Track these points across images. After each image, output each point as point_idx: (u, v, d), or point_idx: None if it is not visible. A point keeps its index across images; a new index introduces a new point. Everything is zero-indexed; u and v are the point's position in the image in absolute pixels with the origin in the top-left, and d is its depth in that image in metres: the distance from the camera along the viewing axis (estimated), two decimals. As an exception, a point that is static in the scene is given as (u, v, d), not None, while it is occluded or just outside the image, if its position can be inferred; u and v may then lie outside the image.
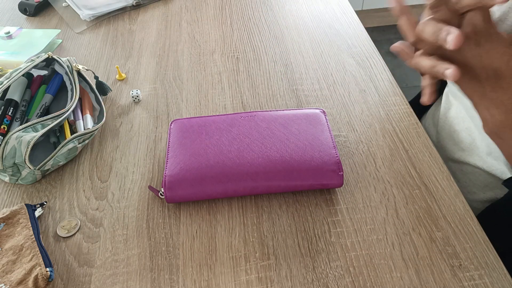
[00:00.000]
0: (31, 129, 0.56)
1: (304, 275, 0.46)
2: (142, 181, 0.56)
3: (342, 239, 0.49)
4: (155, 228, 0.51)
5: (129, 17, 0.89)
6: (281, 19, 0.86)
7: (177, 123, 0.58)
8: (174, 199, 0.52)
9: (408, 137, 0.60)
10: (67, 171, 0.58)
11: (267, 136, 0.55)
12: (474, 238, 0.48)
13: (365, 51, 0.76)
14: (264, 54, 0.77)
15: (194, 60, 0.76)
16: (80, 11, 0.89)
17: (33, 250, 0.46)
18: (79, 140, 0.58)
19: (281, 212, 0.52)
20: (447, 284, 0.44)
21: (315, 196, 0.53)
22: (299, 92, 0.68)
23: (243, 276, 0.46)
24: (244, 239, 0.49)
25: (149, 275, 0.47)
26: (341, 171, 0.52)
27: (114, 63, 0.77)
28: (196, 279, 0.46)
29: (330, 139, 0.55)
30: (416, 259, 0.47)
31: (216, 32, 0.83)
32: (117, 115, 0.67)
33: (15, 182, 0.56)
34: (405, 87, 1.92)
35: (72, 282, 0.47)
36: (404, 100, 0.66)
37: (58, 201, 0.55)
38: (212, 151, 0.53)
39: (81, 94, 0.66)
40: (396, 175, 0.55)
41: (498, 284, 0.44)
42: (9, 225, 0.50)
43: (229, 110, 0.66)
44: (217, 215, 0.52)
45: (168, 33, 0.84)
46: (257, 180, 0.51)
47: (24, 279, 0.44)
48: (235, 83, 0.71)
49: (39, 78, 0.68)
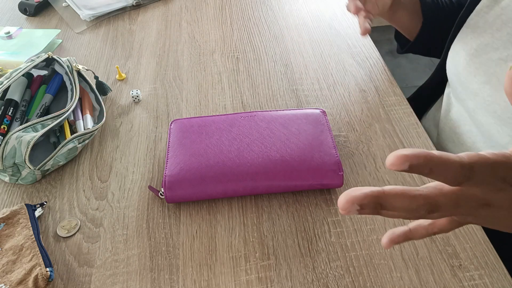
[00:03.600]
0: (31, 129, 0.56)
1: (304, 275, 0.46)
2: (142, 181, 0.56)
3: (342, 239, 0.49)
4: (155, 228, 0.51)
5: (129, 17, 0.89)
6: (281, 19, 0.86)
7: (177, 123, 0.58)
8: (174, 199, 0.52)
9: (408, 137, 0.60)
10: (67, 171, 0.58)
11: (267, 136, 0.55)
12: (474, 238, 0.48)
13: (365, 51, 0.76)
14: (264, 54, 0.77)
15: (194, 60, 0.76)
16: (80, 11, 0.89)
17: (33, 250, 0.46)
18: (79, 140, 0.58)
19: (281, 212, 0.52)
20: (447, 284, 0.44)
21: (315, 196, 0.53)
22: (299, 92, 0.68)
23: (243, 276, 0.46)
24: (244, 239, 0.49)
25: (149, 275, 0.47)
26: (341, 171, 0.52)
27: (114, 63, 0.77)
28: (196, 279, 0.46)
29: (330, 139, 0.55)
30: (416, 259, 0.47)
31: (216, 32, 0.83)
32: (117, 115, 0.67)
33: (15, 182, 0.56)
34: (405, 87, 1.92)
35: (72, 282, 0.47)
36: (404, 100, 0.66)
37: (58, 201, 0.55)
38: (212, 151, 0.53)
39: (81, 94, 0.66)
40: (396, 175, 0.55)
41: (498, 284, 0.44)
42: (9, 225, 0.50)
43: (229, 110, 0.66)
44: (217, 215, 0.52)
45: (168, 33, 0.84)
46: (257, 180, 0.51)
47: (24, 279, 0.44)
48: (235, 83, 0.71)
49: (39, 78, 0.67)
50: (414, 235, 0.32)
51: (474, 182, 0.25)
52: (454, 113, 0.64)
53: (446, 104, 0.67)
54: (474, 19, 0.59)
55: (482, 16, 0.58)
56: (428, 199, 0.25)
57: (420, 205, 0.25)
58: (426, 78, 0.76)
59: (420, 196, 0.25)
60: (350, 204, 0.23)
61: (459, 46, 0.60)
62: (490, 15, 0.56)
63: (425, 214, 0.25)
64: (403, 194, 0.24)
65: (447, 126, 0.66)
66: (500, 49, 0.53)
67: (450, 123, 0.65)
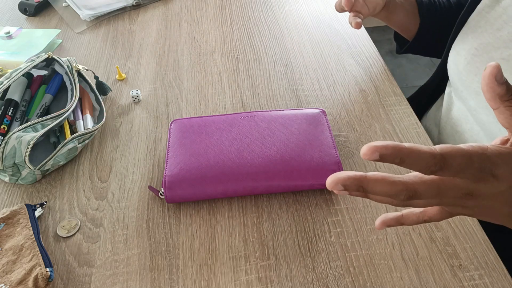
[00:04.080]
0: (31, 129, 0.56)
1: (304, 275, 0.46)
2: (142, 181, 0.56)
3: (342, 239, 0.49)
4: (155, 228, 0.51)
5: (129, 17, 0.89)
6: (281, 19, 0.86)
7: (177, 123, 0.58)
8: (174, 199, 0.52)
9: (408, 137, 0.60)
10: (67, 171, 0.58)
11: (267, 136, 0.55)
12: (474, 238, 0.48)
13: (365, 51, 0.76)
14: (264, 54, 0.77)
15: (194, 60, 0.76)
16: (80, 11, 0.89)
17: (33, 250, 0.46)
18: (79, 140, 0.58)
19: (281, 212, 0.52)
20: (447, 284, 0.44)
21: (315, 196, 0.53)
22: (299, 92, 0.68)
23: (243, 276, 0.46)
24: (244, 239, 0.49)
25: (149, 275, 0.47)
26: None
27: (114, 63, 0.77)
28: (196, 279, 0.46)
29: (330, 139, 0.55)
30: (416, 259, 0.47)
31: (216, 32, 0.83)
32: (117, 115, 0.67)
33: (15, 182, 0.56)
34: (405, 87, 1.92)
35: (72, 282, 0.47)
36: (404, 100, 0.66)
37: (58, 201, 0.55)
38: (212, 151, 0.53)
39: (81, 94, 0.66)
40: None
41: (498, 284, 0.44)
42: (9, 225, 0.50)
43: (229, 110, 0.66)
44: (217, 215, 0.52)
45: (168, 33, 0.84)
46: (257, 180, 0.51)
47: (24, 279, 0.44)
48: (235, 83, 0.71)
49: (39, 78, 0.67)
50: (406, 220, 0.35)
51: (450, 172, 0.27)
52: (455, 111, 0.64)
53: (447, 103, 0.67)
54: (475, 18, 0.59)
55: (483, 15, 0.58)
56: (407, 185, 0.27)
57: (399, 191, 0.27)
58: (426, 78, 0.76)
59: (399, 182, 0.27)
60: (335, 184, 0.26)
61: (460, 45, 0.60)
62: (491, 15, 0.56)
63: (406, 199, 0.27)
64: (384, 179, 0.27)
65: (448, 125, 0.66)
66: (501, 48, 0.53)
67: (451, 122, 0.65)
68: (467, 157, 0.27)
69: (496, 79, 0.27)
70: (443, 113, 0.67)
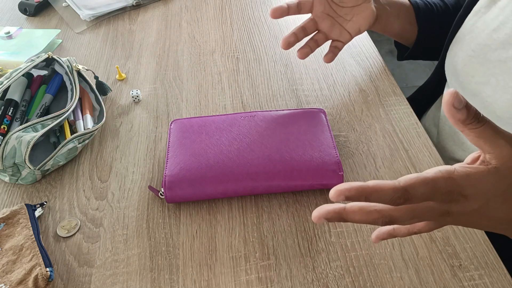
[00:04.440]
0: (31, 129, 0.56)
1: (304, 275, 0.46)
2: (142, 181, 0.56)
3: (342, 239, 0.49)
4: (155, 228, 0.51)
5: (129, 17, 0.89)
6: (281, 19, 0.86)
7: (177, 123, 0.58)
8: (174, 199, 0.52)
9: (408, 137, 0.60)
10: (67, 171, 0.58)
11: (267, 136, 0.55)
12: (474, 238, 0.48)
13: (365, 51, 0.76)
14: (264, 54, 0.77)
15: (194, 60, 0.76)
16: (80, 11, 0.89)
17: (33, 250, 0.46)
18: (79, 140, 0.58)
19: (281, 212, 0.52)
20: (447, 284, 0.44)
21: (315, 196, 0.53)
22: (299, 92, 0.68)
23: (243, 276, 0.46)
24: (244, 239, 0.49)
25: (149, 275, 0.47)
26: (341, 171, 0.52)
27: (114, 63, 0.77)
28: (196, 279, 0.46)
29: (330, 139, 0.55)
30: (416, 259, 0.47)
31: (216, 32, 0.83)
32: (117, 115, 0.67)
33: (15, 182, 0.56)
34: (405, 87, 1.92)
35: (72, 282, 0.47)
36: (404, 100, 0.66)
37: (58, 201, 0.55)
38: (212, 151, 0.53)
39: (81, 94, 0.66)
40: (396, 175, 0.55)
41: (498, 284, 0.44)
42: (9, 225, 0.50)
43: (229, 110, 0.66)
44: (217, 215, 0.52)
45: (168, 33, 0.84)
46: (257, 180, 0.51)
47: (24, 279, 0.44)
48: (235, 83, 0.71)
49: (39, 78, 0.67)
50: (397, 233, 0.37)
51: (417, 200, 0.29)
52: None
53: None
54: (472, 19, 0.59)
55: (480, 16, 0.58)
56: (382, 213, 0.30)
57: (375, 219, 0.30)
58: (426, 78, 0.76)
59: (374, 211, 0.30)
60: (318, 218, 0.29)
61: (457, 47, 0.60)
62: (487, 16, 0.56)
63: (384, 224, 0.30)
64: (360, 210, 0.30)
65: (447, 125, 0.66)
66: (498, 50, 0.53)
67: (449, 122, 0.65)
68: (430, 185, 0.29)
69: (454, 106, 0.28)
70: (442, 113, 0.67)
